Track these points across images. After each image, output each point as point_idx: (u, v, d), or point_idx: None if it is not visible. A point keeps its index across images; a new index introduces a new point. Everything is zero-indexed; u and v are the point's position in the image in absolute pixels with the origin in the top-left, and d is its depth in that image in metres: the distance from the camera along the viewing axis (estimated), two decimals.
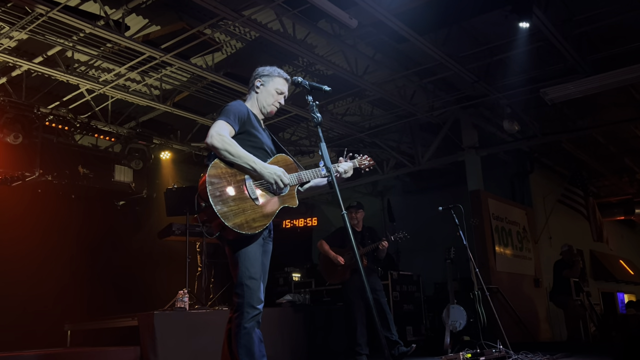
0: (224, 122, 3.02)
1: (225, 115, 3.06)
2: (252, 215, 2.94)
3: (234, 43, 7.32)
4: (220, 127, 2.99)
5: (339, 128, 9.83)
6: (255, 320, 2.94)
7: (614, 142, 11.31)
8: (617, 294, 15.38)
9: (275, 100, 3.33)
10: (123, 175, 9.06)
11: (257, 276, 2.99)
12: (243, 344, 2.89)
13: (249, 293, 2.93)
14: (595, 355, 5.94)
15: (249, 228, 2.90)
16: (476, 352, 5.21)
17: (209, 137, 2.95)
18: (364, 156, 3.69)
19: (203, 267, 6.91)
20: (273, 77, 3.32)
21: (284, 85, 3.35)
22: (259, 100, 3.31)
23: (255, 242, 3.03)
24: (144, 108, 8.75)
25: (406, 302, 8.56)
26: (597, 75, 7.41)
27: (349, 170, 3.46)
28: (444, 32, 7.04)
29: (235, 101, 3.25)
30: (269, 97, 3.31)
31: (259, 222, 2.96)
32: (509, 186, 11.45)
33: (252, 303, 2.92)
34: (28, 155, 7.53)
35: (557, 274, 9.28)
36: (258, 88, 3.32)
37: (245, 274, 2.96)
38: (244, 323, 2.90)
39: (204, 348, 5.21)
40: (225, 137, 2.95)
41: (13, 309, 6.94)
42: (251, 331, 2.91)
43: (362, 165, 3.64)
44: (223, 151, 2.93)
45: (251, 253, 3.00)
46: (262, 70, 3.35)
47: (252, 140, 3.14)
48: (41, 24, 6.07)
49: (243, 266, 2.97)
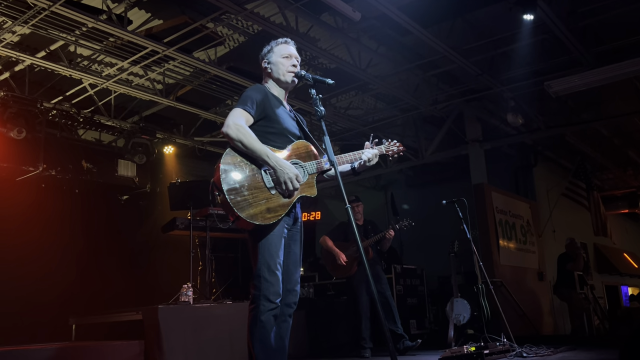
0: (240, 109, 2.91)
1: (242, 103, 2.95)
2: (266, 205, 2.82)
3: (237, 37, 7.30)
4: (236, 116, 2.87)
5: (342, 122, 9.81)
6: (273, 314, 2.81)
7: (619, 135, 11.26)
8: (621, 287, 15.37)
9: (289, 65, 3.14)
10: (126, 169, 9.07)
11: (276, 268, 2.84)
12: (258, 337, 2.78)
13: (266, 286, 2.80)
14: (599, 348, 5.93)
15: (262, 219, 2.78)
16: (480, 346, 5.20)
17: (225, 126, 2.84)
18: (392, 141, 3.47)
19: (206, 261, 6.92)
20: (274, 48, 3.20)
21: (288, 49, 3.20)
22: (274, 76, 3.16)
23: (276, 233, 2.88)
24: (147, 102, 8.74)
25: (410, 295, 8.57)
26: (602, 68, 7.36)
27: (373, 158, 3.25)
28: (447, 25, 7.00)
29: (254, 85, 3.14)
30: (280, 67, 3.14)
31: (273, 212, 2.83)
32: (513, 179, 11.43)
33: (268, 296, 2.79)
34: (31, 150, 7.53)
35: (561, 267, 9.27)
36: (267, 67, 3.19)
37: (264, 266, 2.83)
38: (260, 316, 2.78)
39: (208, 341, 5.23)
40: (241, 126, 2.83)
41: (17, 303, 6.96)
42: (267, 325, 2.78)
43: (389, 152, 3.44)
44: (237, 142, 2.82)
45: (272, 245, 2.86)
46: (263, 51, 3.24)
47: (273, 127, 3.01)
48: (44, 18, 6.06)
49: (262, 257, 2.84)
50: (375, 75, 8.01)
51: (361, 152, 3.26)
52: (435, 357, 5.57)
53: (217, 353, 5.26)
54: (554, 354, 5.43)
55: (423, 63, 7.93)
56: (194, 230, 6.75)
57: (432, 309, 9.07)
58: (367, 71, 7.82)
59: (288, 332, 3.00)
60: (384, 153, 3.41)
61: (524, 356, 5.22)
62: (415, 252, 10.93)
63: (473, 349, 5.15)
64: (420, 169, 11.66)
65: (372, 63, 7.83)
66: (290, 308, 2.99)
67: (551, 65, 7.96)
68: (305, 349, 6.51)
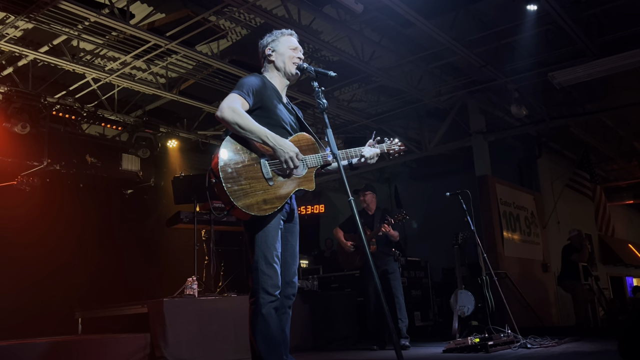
0: (236, 94, 2.85)
1: (238, 89, 2.89)
2: (263, 196, 2.78)
3: (239, 30, 7.29)
4: (232, 100, 2.82)
5: (345, 115, 9.80)
6: (273, 306, 2.80)
7: (623, 125, 11.22)
8: (626, 278, 15.35)
9: (294, 56, 3.12)
10: (131, 163, 9.10)
11: (273, 260, 2.83)
12: (260, 330, 2.76)
13: (263, 278, 2.79)
14: (603, 339, 5.93)
15: (258, 209, 2.75)
16: (484, 337, 5.21)
17: (219, 109, 2.78)
18: (394, 140, 3.46)
19: (211, 254, 6.94)
20: (280, 38, 3.17)
21: (294, 41, 3.19)
22: (277, 65, 3.12)
23: (272, 225, 2.86)
24: (150, 96, 8.75)
25: (414, 287, 8.58)
26: (606, 58, 7.32)
27: (374, 156, 3.26)
28: (450, 16, 6.97)
29: (251, 74, 3.07)
30: (286, 57, 3.11)
31: (270, 203, 2.79)
32: (517, 171, 11.41)
33: (267, 289, 2.78)
34: (36, 145, 7.56)
35: (566, 258, 9.26)
36: (271, 55, 3.14)
37: (261, 259, 2.81)
38: (260, 309, 2.77)
39: (213, 334, 5.26)
40: (236, 108, 2.78)
41: (23, 297, 7.00)
42: (268, 318, 2.77)
43: (391, 150, 3.43)
44: (233, 124, 2.75)
45: (269, 237, 2.84)
46: (265, 39, 3.20)
47: (270, 117, 2.95)
48: (46, 12, 6.07)
49: (259, 250, 2.82)
50: (378, 68, 7.99)
51: (362, 149, 3.25)
52: (440, 349, 5.59)
53: (222, 345, 5.29)
54: (558, 345, 5.43)
55: (426, 55, 7.90)
56: (198, 224, 6.77)
57: (436, 301, 9.08)
58: (370, 63, 7.80)
59: (288, 324, 3.00)
60: (385, 151, 3.41)
61: (528, 347, 5.22)
62: (419, 244, 10.94)
63: (477, 340, 5.16)
64: (424, 161, 11.65)
65: (375, 55, 7.81)
66: (289, 300, 3.00)
67: (555, 56, 7.92)
68: (309, 341, 6.53)
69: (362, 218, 6.25)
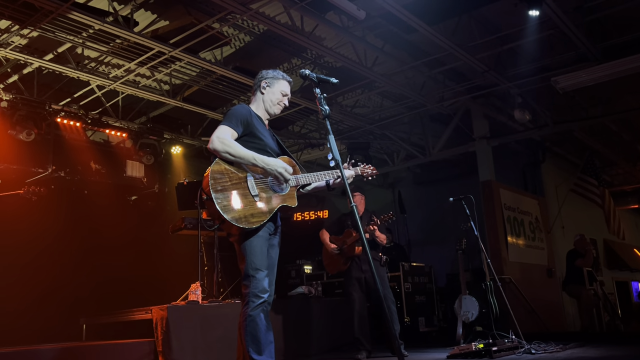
0: (225, 126, 3.17)
1: (227, 120, 3.21)
2: (250, 211, 3.10)
3: (243, 37, 7.32)
4: (221, 132, 3.14)
5: (348, 120, 9.82)
6: (261, 308, 3.07)
7: (627, 130, 11.18)
8: (631, 283, 15.27)
9: (281, 101, 3.46)
10: (135, 170, 9.11)
11: (262, 267, 3.13)
12: (249, 331, 3.04)
13: (254, 283, 3.08)
14: (609, 345, 5.91)
15: (247, 222, 3.06)
16: (488, 343, 5.20)
17: (210, 142, 3.11)
18: (367, 165, 3.85)
19: (215, 260, 6.95)
20: (278, 79, 3.48)
21: (288, 88, 3.51)
22: (265, 100, 3.45)
23: (260, 237, 3.17)
24: (154, 103, 8.79)
25: (418, 293, 8.57)
26: (609, 63, 7.32)
27: (349, 178, 3.63)
28: (453, 22, 6.99)
29: (238, 104, 3.44)
30: (274, 98, 3.44)
31: (257, 217, 3.11)
32: (521, 176, 11.37)
33: (256, 292, 3.06)
34: (40, 152, 7.59)
35: (570, 263, 9.23)
36: (264, 89, 3.45)
37: (251, 266, 3.11)
38: (249, 311, 3.04)
39: (218, 340, 5.27)
40: (225, 139, 3.10)
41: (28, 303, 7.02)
42: (256, 318, 3.04)
43: (364, 174, 3.78)
44: (224, 153, 3.09)
45: (256, 246, 3.15)
46: (266, 72, 3.50)
47: (256, 142, 3.27)
48: (51, 21, 6.11)
49: (249, 258, 3.13)
50: (381, 74, 8.01)
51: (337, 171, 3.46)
52: (444, 354, 5.58)
53: (226, 351, 5.28)
54: (563, 350, 5.41)
55: (429, 60, 7.91)
56: (202, 230, 6.78)
57: (440, 307, 9.06)
58: (373, 69, 7.82)
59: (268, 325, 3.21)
60: (359, 174, 3.76)
61: (533, 353, 5.21)
62: (423, 250, 10.93)
63: (481, 345, 5.15)
64: (428, 166, 11.65)
65: (378, 61, 7.83)
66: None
67: (558, 61, 7.92)
68: (313, 346, 6.52)
69: (350, 219, 6.15)
